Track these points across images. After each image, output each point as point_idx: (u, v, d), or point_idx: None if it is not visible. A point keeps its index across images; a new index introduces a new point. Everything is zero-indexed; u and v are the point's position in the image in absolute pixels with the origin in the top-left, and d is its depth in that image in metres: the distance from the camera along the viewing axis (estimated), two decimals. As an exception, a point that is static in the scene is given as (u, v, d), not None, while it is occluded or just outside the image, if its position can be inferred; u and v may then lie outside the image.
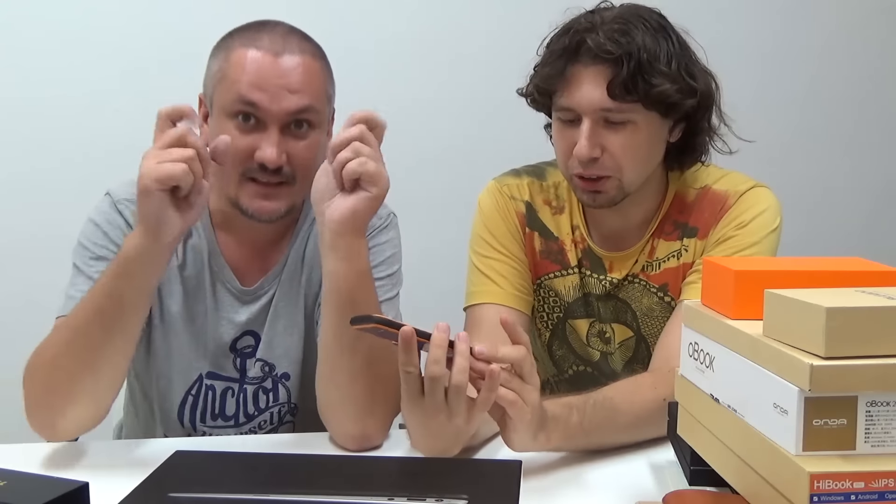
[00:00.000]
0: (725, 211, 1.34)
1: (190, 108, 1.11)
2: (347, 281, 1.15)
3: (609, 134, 1.26)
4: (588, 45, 1.23)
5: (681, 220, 1.37)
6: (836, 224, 2.61)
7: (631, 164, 1.28)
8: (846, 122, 2.64)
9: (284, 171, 1.22)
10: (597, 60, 1.23)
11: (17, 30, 2.26)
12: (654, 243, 1.38)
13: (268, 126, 1.20)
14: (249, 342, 1.34)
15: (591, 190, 1.29)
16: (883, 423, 0.74)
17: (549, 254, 1.43)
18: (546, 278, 1.43)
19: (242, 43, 1.23)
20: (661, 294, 1.38)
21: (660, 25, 1.27)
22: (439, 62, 2.43)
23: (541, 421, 1.05)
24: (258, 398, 1.36)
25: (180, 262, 1.30)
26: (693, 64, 1.29)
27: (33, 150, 2.29)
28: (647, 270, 1.38)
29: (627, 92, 1.22)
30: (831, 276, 0.86)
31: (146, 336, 1.32)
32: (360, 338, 1.12)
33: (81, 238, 1.28)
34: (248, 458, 1.06)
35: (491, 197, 1.44)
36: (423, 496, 0.87)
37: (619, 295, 1.40)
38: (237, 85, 1.20)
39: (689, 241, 1.36)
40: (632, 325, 1.41)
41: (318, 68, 1.25)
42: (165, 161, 1.05)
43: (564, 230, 1.42)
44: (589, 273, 1.41)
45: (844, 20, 2.59)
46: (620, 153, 1.26)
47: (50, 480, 0.91)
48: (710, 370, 0.89)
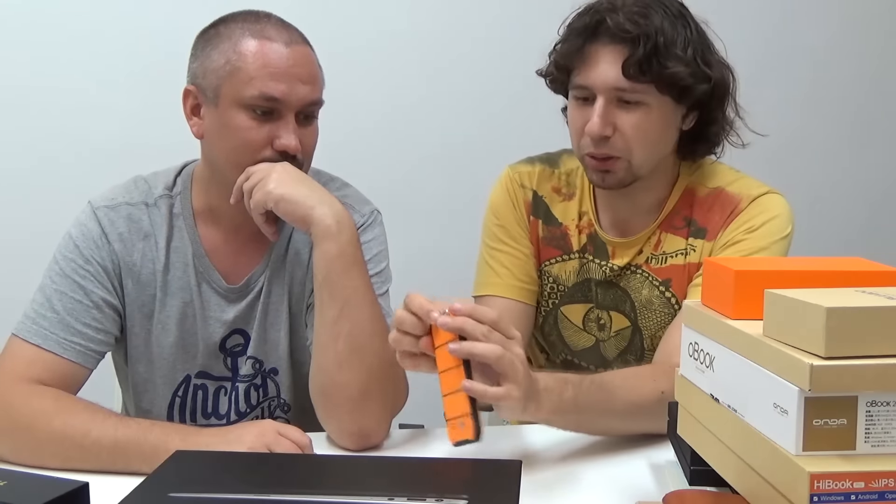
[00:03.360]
0: (736, 214, 1.35)
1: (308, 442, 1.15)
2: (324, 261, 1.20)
3: (621, 113, 1.28)
4: (607, 24, 1.26)
5: (691, 217, 1.39)
6: (836, 224, 2.61)
7: (641, 145, 1.30)
8: (846, 122, 2.64)
9: (297, 157, 1.25)
10: (615, 40, 1.26)
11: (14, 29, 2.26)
12: (661, 236, 1.39)
13: (283, 115, 1.23)
14: (238, 341, 1.35)
15: (600, 169, 1.32)
16: (883, 423, 0.74)
17: (552, 239, 1.45)
18: (547, 264, 1.46)
19: (248, 33, 1.23)
20: (662, 288, 1.39)
21: (679, 13, 1.30)
22: (440, 60, 2.43)
23: (531, 390, 1.05)
24: (250, 395, 1.36)
25: (162, 266, 1.30)
26: (710, 53, 1.32)
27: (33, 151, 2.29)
28: (652, 263, 1.40)
29: (642, 72, 1.25)
30: (831, 276, 0.86)
31: (123, 346, 1.33)
32: (341, 321, 1.17)
33: (56, 252, 1.28)
34: (248, 457, 1.06)
35: (502, 186, 1.48)
36: (423, 496, 0.87)
37: (620, 283, 1.42)
38: (255, 80, 1.20)
39: (697, 241, 1.37)
40: (629, 315, 1.42)
41: (315, 56, 1.28)
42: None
43: (570, 216, 1.45)
44: (591, 258, 1.43)
45: (845, 20, 2.59)
46: (632, 133, 1.28)
47: (50, 480, 0.91)
48: (710, 370, 0.89)
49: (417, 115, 2.41)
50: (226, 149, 1.25)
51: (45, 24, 2.26)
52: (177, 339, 1.32)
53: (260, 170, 1.22)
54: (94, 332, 1.24)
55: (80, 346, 1.23)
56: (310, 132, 1.28)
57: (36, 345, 1.21)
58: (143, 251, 1.29)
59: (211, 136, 1.26)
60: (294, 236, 1.35)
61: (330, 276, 1.19)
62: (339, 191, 1.37)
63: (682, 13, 1.30)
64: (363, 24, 2.38)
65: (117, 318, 1.29)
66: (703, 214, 1.38)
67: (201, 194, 1.33)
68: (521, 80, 1.37)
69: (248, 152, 1.23)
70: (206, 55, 1.25)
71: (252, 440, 1.11)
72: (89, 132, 2.28)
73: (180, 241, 1.31)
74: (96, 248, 1.27)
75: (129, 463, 1.10)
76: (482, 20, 2.42)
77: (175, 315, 1.31)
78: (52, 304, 1.23)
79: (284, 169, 1.22)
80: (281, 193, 1.19)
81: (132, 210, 1.30)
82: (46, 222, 2.21)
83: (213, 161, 1.29)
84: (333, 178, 1.41)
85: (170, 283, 1.31)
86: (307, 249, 1.32)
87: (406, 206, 2.14)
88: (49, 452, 1.12)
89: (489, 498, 0.89)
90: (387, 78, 2.40)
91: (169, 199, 1.32)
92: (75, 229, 1.28)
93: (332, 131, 1.39)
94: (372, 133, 2.38)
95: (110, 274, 1.27)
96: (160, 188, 1.32)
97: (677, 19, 1.28)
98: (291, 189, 1.20)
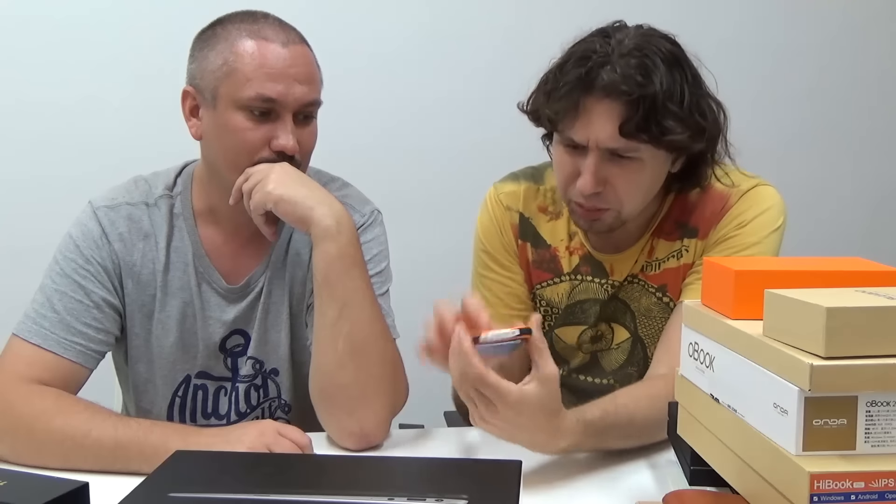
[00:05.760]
0: (727, 210, 1.32)
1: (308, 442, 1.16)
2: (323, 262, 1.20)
3: (614, 168, 1.23)
4: (603, 79, 1.18)
5: (682, 220, 1.36)
6: (836, 224, 2.61)
7: (632, 198, 1.26)
8: (847, 123, 2.63)
9: (295, 158, 1.25)
10: (611, 96, 1.18)
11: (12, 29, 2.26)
12: (654, 243, 1.37)
13: (281, 115, 1.22)
14: (239, 341, 1.35)
15: (589, 218, 1.28)
16: (883, 423, 0.74)
17: (541, 263, 1.42)
18: (539, 287, 1.43)
19: (245, 34, 1.22)
20: (659, 294, 1.37)
21: (675, 58, 1.22)
22: (441, 62, 2.43)
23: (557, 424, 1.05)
24: (250, 396, 1.36)
25: (162, 266, 1.30)
26: (704, 98, 1.25)
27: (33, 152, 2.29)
28: (647, 270, 1.38)
29: (638, 132, 1.19)
30: (831, 276, 0.86)
31: (123, 346, 1.33)
32: (341, 322, 1.17)
33: (57, 252, 1.28)
34: (248, 458, 1.06)
35: (487, 211, 1.44)
36: (423, 496, 0.87)
37: (619, 295, 1.40)
38: (252, 81, 1.20)
39: (690, 241, 1.35)
40: (629, 325, 1.40)
41: (313, 56, 1.28)
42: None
43: (559, 236, 1.41)
44: (590, 278, 1.40)
45: (846, 20, 2.59)
46: (623, 188, 1.24)
47: (50, 480, 0.91)
48: (710, 370, 0.89)
49: (419, 114, 2.41)
50: (224, 150, 1.24)
51: (45, 22, 2.26)
52: (177, 340, 1.32)
53: (259, 171, 1.21)
54: (95, 331, 1.24)
55: (80, 345, 1.23)
56: (308, 132, 1.27)
57: (36, 345, 1.21)
58: (143, 251, 1.29)
59: (209, 137, 1.26)
60: (294, 237, 1.35)
61: (329, 277, 1.19)
62: (340, 191, 1.37)
63: (676, 58, 1.22)
64: (364, 24, 2.38)
65: (117, 317, 1.29)
66: (693, 215, 1.35)
67: (201, 195, 1.33)
68: (522, 80, 1.36)
69: (246, 153, 1.23)
70: (204, 56, 1.24)
71: (252, 440, 1.11)
72: (90, 133, 2.27)
73: (180, 241, 1.31)
74: (97, 248, 1.27)
75: (130, 463, 1.10)
76: (484, 19, 2.42)
77: (175, 315, 1.31)
78: (52, 303, 1.23)
79: (283, 170, 1.22)
80: (280, 194, 1.19)
81: (132, 210, 1.30)
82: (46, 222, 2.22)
83: (211, 162, 1.29)
84: (334, 178, 1.40)
85: (170, 283, 1.31)
86: (307, 250, 1.32)
87: (407, 206, 2.14)
88: (49, 452, 1.12)
89: (489, 498, 0.89)
90: (387, 78, 2.40)
91: (169, 199, 1.32)
92: (75, 229, 1.28)
93: (333, 131, 1.39)
94: (373, 133, 2.38)
95: (111, 274, 1.27)
96: (160, 188, 1.32)
97: (673, 67, 1.20)
98: (291, 190, 1.20)
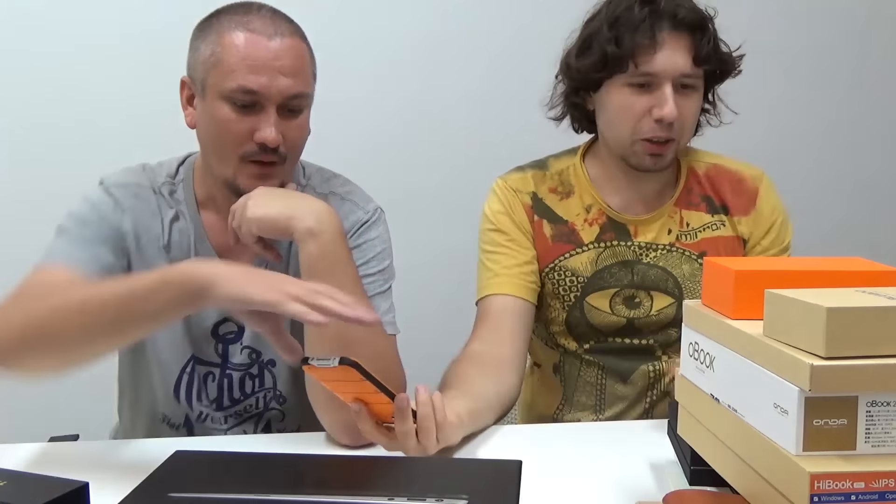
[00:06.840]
0: (756, 195, 1.47)
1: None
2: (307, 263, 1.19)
3: (681, 99, 1.35)
4: (676, 13, 1.33)
5: (705, 194, 1.49)
6: (836, 224, 2.61)
7: (689, 129, 1.40)
8: (847, 122, 2.64)
9: (280, 150, 1.24)
10: (680, 28, 1.34)
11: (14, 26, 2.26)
12: (683, 213, 1.47)
13: (265, 107, 1.22)
14: (232, 328, 1.35)
15: (656, 153, 1.38)
16: (883, 423, 0.74)
17: (562, 236, 1.48)
18: (561, 259, 1.48)
19: (233, 25, 1.23)
20: (700, 261, 1.45)
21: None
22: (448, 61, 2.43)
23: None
24: (244, 384, 1.37)
25: (165, 242, 1.31)
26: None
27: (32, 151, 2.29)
28: (683, 239, 1.47)
29: (706, 60, 1.35)
30: (831, 276, 0.86)
31: None
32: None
33: (73, 208, 1.29)
34: (248, 457, 1.06)
35: (496, 196, 1.51)
36: (423, 496, 0.87)
37: (660, 263, 1.46)
38: (236, 72, 1.21)
39: (724, 217, 1.48)
40: (673, 291, 1.47)
41: (305, 49, 1.27)
42: (295, 297, 0.99)
43: (574, 212, 1.48)
44: (616, 242, 1.47)
45: (846, 20, 2.59)
46: (688, 117, 1.38)
47: (50, 480, 0.91)
48: (711, 370, 0.89)
49: (421, 113, 2.41)
50: (211, 140, 1.26)
51: (45, 20, 2.26)
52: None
53: (238, 203, 1.22)
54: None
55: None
56: (295, 126, 1.26)
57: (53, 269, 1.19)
58: (149, 228, 1.31)
59: (200, 127, 1.28)
60: None
61: (313, 277, 1.18)
62: (342, 187, 1.38)
63: None
64: (366, 23, 2.38)
65: None
66: (712, 191, 1.48)
67: (202, 183, 1.35)
68: (523, 79, 1.36)
69: (231, 144, 1.23)
70: (196, 47, 1.26)
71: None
72: (91, 127, 2.28)
73: (184, 223, 1.33)
74: (111, 213, 1.29)
75: (167, 298, 1.03)
76: (487, 19, 2.42)
77: None
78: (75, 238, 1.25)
79: (258, 192, 1.22)
80: (259, 216, 1.19)
81: (140, 191, 1.33)
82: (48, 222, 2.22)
83: (203, 152, 1.31)
84: (336, 174, 1.41)
85: (170, 263, 1.30)
86: None
87: (408, 205, 2.14)
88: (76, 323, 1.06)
89: (489, 498, 0.89)
90: (388, 78, 2.40)
91: (171, 185, 1.34)
92: (85, 203, 1.29)
93: (337, 130, 1.39)
94: (374, 132, 2.38)
95: (120, 241, 1.28)
96: (163, 176, 1.35)
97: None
98: (266, 207, 1.20)
